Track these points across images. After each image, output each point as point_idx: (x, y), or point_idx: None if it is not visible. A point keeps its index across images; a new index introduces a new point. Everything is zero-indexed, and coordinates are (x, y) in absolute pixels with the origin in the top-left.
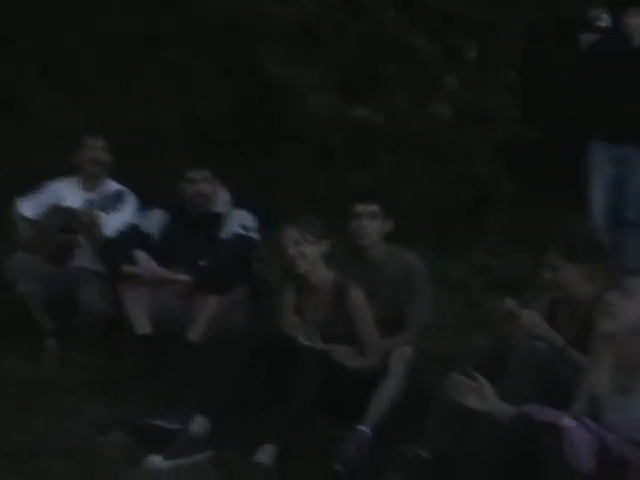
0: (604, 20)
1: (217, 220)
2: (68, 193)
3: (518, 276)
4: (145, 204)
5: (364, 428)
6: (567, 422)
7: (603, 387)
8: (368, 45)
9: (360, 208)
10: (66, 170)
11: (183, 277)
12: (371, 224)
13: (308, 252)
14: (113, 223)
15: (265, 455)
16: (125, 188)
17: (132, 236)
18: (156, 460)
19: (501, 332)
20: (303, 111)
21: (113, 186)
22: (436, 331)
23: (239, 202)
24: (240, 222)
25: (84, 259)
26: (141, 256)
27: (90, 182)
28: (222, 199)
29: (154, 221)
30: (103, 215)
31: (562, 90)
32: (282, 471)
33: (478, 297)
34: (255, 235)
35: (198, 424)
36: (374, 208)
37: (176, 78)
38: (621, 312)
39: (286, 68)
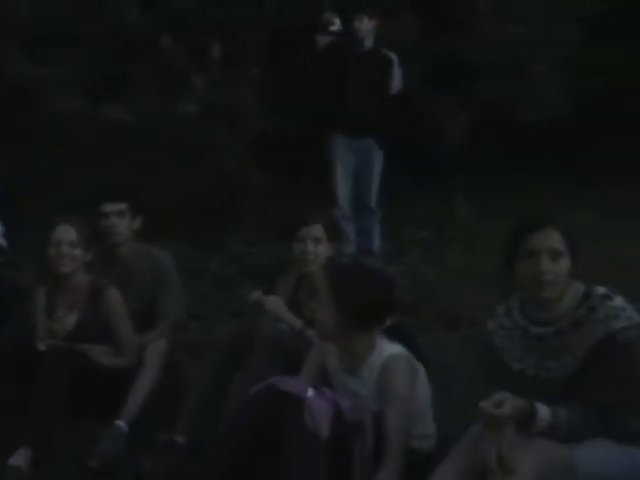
0: (336, 24)
1: None
2: None
3: (272, 264)
4: None
5: (120, 423)
6: (307, 392)
7: (332, 367)
8: (113, 45)
9: (108, 207)
10: None
11: None
12: (120, 222)
13: (78, 255)
14: None
15: (19, 459)
16: None
17: None
18: None
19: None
20: (49, 111)
21: None
22: (195, 322)
23: None
24: None
25: None
26: None
27: None
28: None
29: None
30: None
31: (305, 86)
32: (38, 474)
33: (235, 287)
34: (1, 240)
35: None
36: (122, 206)
37: None
38: (319, 315)
39: (29, 68)
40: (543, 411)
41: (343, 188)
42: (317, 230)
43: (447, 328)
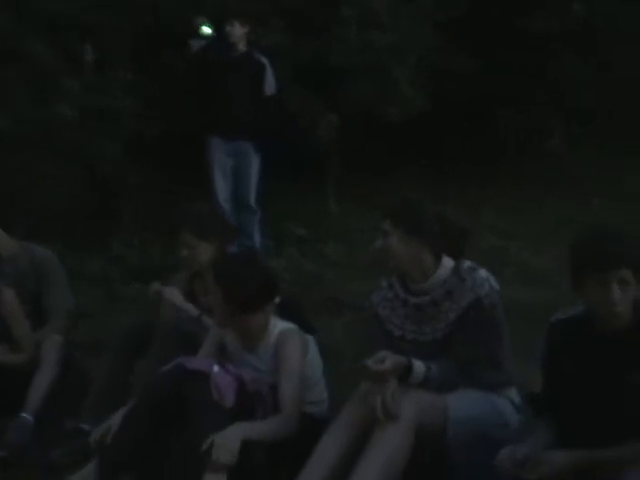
0: (207, 30)
1: None
2: None
3: (154, 263)
4: None
5: (24, 414)
6: (212, 368)
7: (231, 347)
8: None
9: None
10: None
11: None
12: None
13: None
14: None
15: None
16: None
17: None
18: None
19: (144, 314)
20: None
21: None
22: (82, 321)
23: None
24: None
25: None
26: None
27: None
28: None
29: None
30: None
31: (180, 90)
32: None
33: (118, 286)
34: None
35: None
36: None
37: None
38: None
39: None
40: (418, 366)
41: (222, 188)
42: (185, 236)
43: (331, 315)
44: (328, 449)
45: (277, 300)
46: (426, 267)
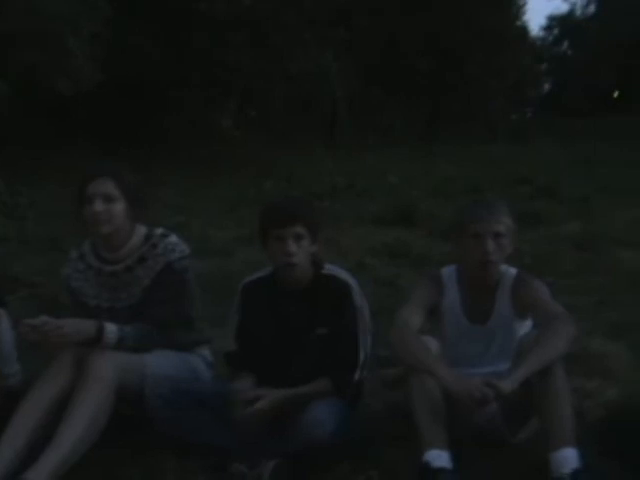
0: None
1: None
2: None
3: None
4: None
5: None
6: None
7: None
8: None
9: None
10: None
11: None
12: None
13: None
14: None
15: None
16: None
17: None
18: None
19: None
20: None
21: None
22: None
23: None
24: None
25: None
26: None
27: None
28: None
29: None
30: None
31: None
32: None
33: None
34: None
35: None
36: None
37: None
38: None
39: None
40: (110, 328)
41: None
42: None
43: (6, 291)
44: (27, 415)
45: None
46: (126, 234)
